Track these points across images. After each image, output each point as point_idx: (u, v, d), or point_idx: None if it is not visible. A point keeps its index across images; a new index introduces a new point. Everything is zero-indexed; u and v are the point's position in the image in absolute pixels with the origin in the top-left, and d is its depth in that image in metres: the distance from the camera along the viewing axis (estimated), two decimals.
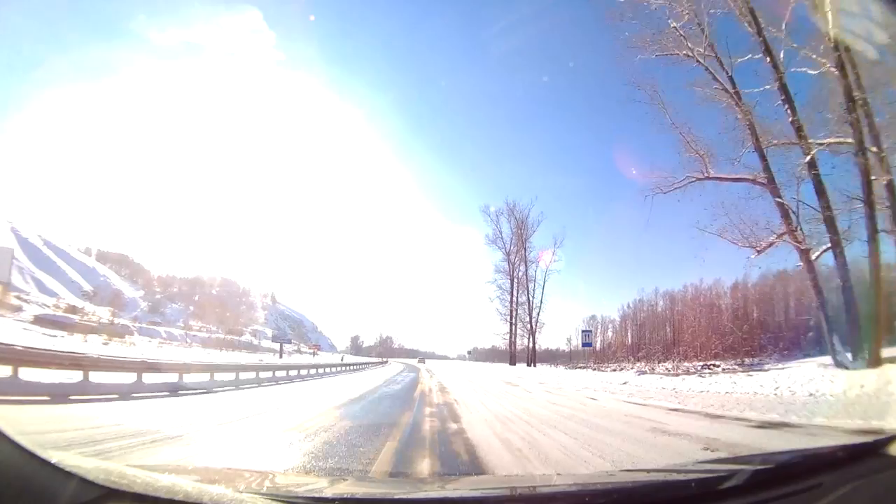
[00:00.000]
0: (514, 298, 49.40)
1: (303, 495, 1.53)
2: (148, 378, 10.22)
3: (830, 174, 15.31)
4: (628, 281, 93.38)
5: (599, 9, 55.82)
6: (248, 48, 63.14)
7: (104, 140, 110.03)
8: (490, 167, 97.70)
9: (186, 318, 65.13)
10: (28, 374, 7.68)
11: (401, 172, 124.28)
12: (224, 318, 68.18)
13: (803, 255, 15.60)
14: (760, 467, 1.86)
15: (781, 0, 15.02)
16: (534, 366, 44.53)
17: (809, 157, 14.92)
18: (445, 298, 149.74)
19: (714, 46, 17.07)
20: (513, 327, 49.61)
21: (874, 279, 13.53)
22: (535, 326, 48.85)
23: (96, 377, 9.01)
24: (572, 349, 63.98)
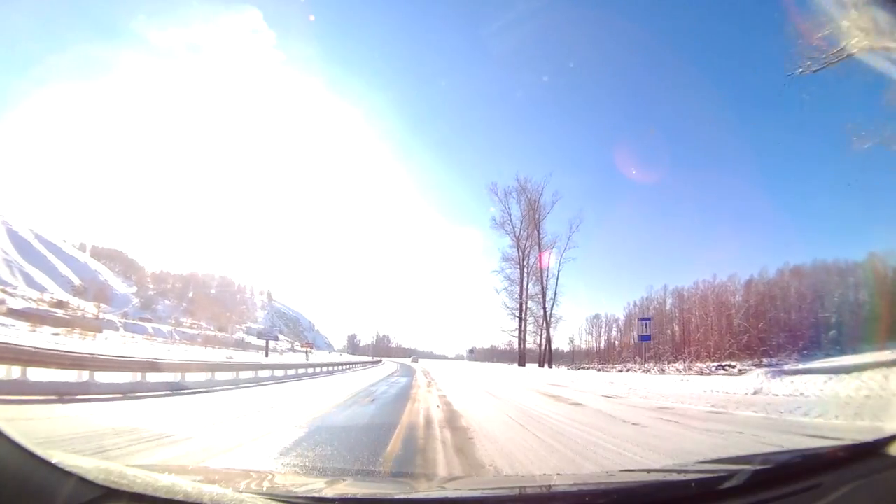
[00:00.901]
0: (525, 290, 42.82)
1: (303, 495, 1.50)
2: (102, 377, 9.16)
3: None
4: (633, 279, 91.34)
5: (599, 8, 54.22)
6: (248, 48, 62.90)
7: (105, 138, 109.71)
8: (489, 167, 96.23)
9: (178, 315, 63.48)
10: None
11: (400, 172, 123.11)
12: (218, 316, 66.57)
13: None
14: (760, 467, 1.79)
15: None
16: (549, 366, 38.89)
17: None
18: (443, 298, 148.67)
19: None
20: (522, 323, 42.69)
21: None
22: (550, 321, 42.06)
23: (34, 374, 7.98)
24: (575, 349, 62.23)
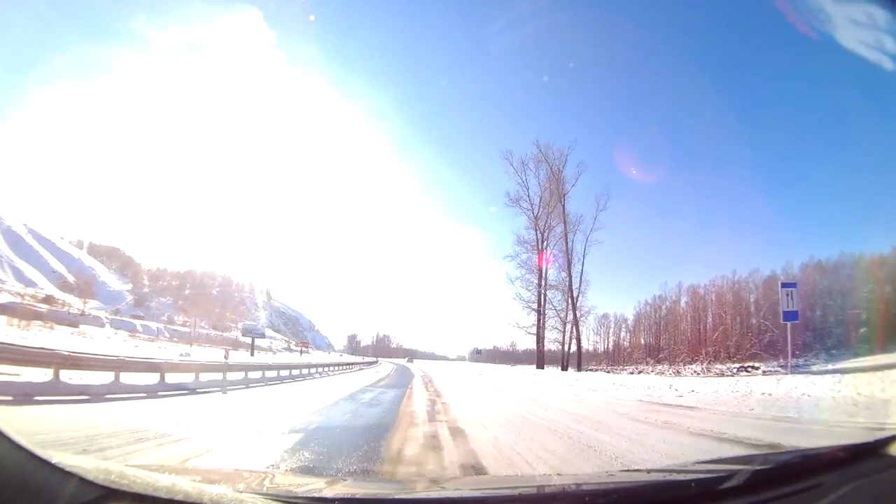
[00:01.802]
0: (544, 279, 37.05)
1: (303, 495, 1.49)
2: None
3: None
4: (642, 278, 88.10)
5: (600, 8, 52.93)
6: (248, 48, 61.93)
7: (108, 138, 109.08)
8: (490, 166, 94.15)
9: (172, 313, 61.80)
10: None
11: (400, 171, 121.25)
12: (214, 314, 64.85)
13: None
14: (760, 467, 1.78)
15: None
16: (577, 369, 33.31)
17: None
18: (444, 299, 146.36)
19: None
20: (541, 318, 36.72)
21: None
22: (578, 314, 36.01)
23: None
24: (581, 350, 59.71)
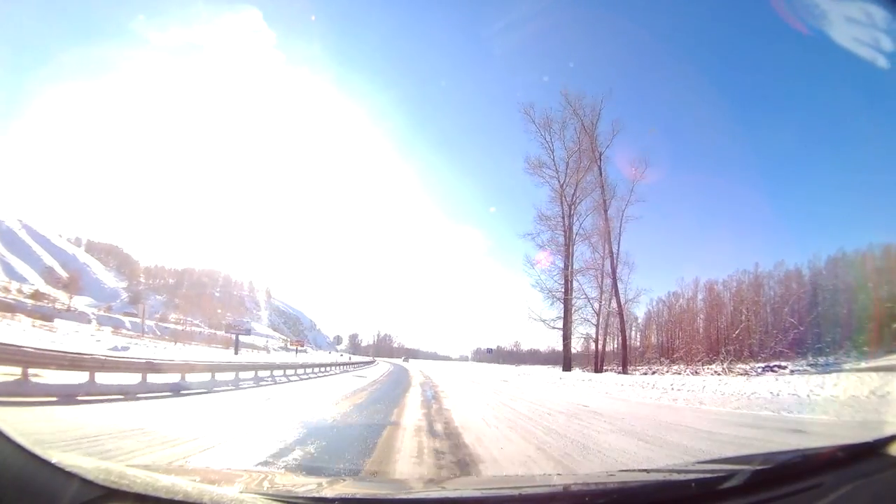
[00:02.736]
0: (571, 262, 30.53)
1: (303, 495, 1.48)
2: None
3: None
4: (649, 275, 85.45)
5: (600, 7, 51.32)
6: (249, 48, 60.91)
7: (110, 138, 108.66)
8: (491, 166, 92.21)
9: (166, 311, 60.21)
10: None
11: (401, 171, 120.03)
12: (210, 312, 63.22)
13: None
14: (760, 467, 1.76)
15: None
16: (623, 371, 27.86)
17: None
18: (446, 299, 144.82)
19: None
20: (568, 307, 30.68)
21: None
22: (623, 304, 29.70)
23: None
24: (589, 351, 57.55)
